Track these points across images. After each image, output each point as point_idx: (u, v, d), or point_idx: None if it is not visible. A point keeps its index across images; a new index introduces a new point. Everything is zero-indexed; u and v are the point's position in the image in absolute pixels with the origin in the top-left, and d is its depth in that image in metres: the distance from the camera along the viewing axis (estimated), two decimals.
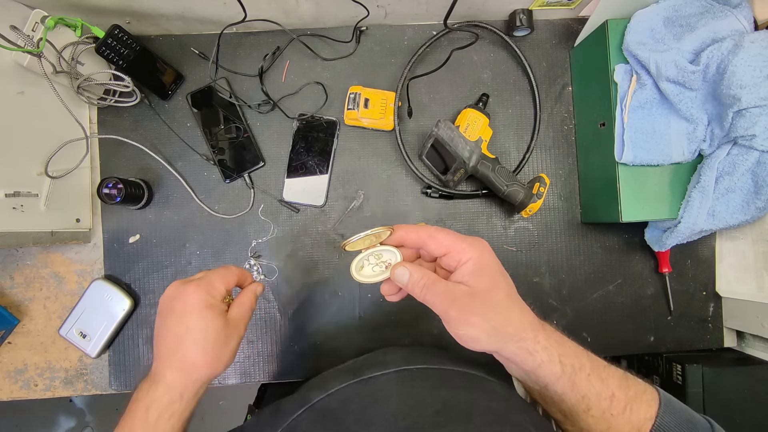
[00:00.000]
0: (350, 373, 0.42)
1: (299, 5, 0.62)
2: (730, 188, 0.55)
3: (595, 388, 0.36)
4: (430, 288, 0.36)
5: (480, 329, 0.34)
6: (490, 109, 0.68)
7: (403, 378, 0.40)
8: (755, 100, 0.50)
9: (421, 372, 0.41)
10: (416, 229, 0.38)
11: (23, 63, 0.55)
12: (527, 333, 0.35)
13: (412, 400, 0.36)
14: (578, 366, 0.36)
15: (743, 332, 0.69)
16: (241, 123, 0.68)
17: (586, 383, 0.36)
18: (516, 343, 0.35)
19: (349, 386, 0.40)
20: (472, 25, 0.67)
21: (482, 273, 0.35)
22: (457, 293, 0.35)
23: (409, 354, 0.46)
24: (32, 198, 0.58)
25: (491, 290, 0.35)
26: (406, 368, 0.41)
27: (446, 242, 0.36)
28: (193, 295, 0.41)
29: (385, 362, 0.43)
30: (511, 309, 0.35)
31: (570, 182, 0.70)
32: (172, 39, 0.69)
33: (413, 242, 0.38)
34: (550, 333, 0.37)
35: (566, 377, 0.36)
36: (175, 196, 0.69)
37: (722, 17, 0.55)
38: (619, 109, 0.58)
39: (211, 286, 0.43)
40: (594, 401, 0.36)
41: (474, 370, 0.43)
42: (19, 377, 0.68)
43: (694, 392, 0.63)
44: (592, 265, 0.70)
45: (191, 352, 0.40)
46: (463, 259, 0.35)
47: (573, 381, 0.36)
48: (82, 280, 0.68)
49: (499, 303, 0.35)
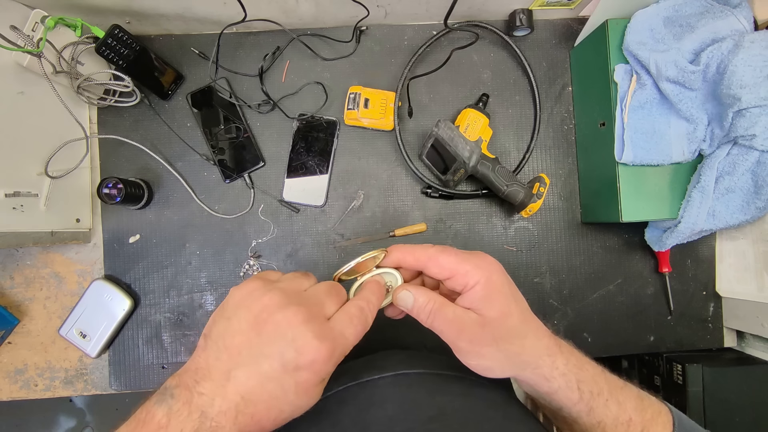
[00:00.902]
0: (348, 376, 0.42)
1: (299, 5, 0.62)
2: (730, 188, 0.55)
3: (612, 412, 0.35)
4: (438, 314, 0.33)
5: (492, 359, 0.33)
6: (490, 109, 0.68)
7: (401, 382, 0.40)
8: (755, 100, 0.50)
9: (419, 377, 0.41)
10: (413, 251, 0.35)
11: (23, 63, 0.54)
12: (543, 359, 0.34)
13: (408, 405, 0.35)
14: (596, 391, 0.35)
15: (743, 332, 0.69)
16: (241, 123, 0.68)
17: (604, 408, 0.35)
18: (533, 370, 0.34)
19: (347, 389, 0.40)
20: (472, 25, 0.67)
21: (492, 299, 0.33)
22: (466, 322, 0.32)
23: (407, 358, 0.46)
24: (32, 198, 0.58)
25: (503, 318, 0.33)
26: (403, 372, 0.41)
27: (449, 265, 0.33)
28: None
29: (384, 366, 0.42)
30: (526, 336, 0.34)
31: (570, 182, 0.70)
32: (172, 39, 0.69)
33: (411, 265, 0.36)
34: (568, 356, 0.35)
35: (584, 403, 0.34)
36: (175, 196, 0.69)
37: (722, 17, 0.55)
38: (619, 109, 0.58)
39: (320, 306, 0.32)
40: (610, 426, 0.35)
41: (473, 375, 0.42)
42: (19, 377, 0.68)
43: (694, 392, 0.63)
44: (592, 265, 0.70)
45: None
46: (470, 283, 0.33)
47: (590, 407, 0.34)
48: (82, 280, 0.68)
49: (512, 331, 0.33)
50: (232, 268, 0.69)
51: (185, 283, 0.69)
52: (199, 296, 0.69)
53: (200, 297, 0.69)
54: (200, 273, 0.69)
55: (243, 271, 0.69)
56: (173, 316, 0.69)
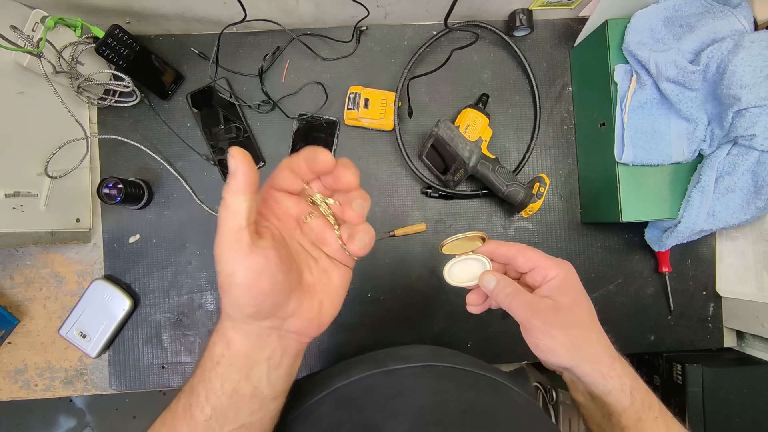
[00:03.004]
0: (373, 363, 0.41)
1: (299, 5, 0.62)
2: (730, 188, 0.55)
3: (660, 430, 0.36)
4: (516, 296, 0.36)
5: (559, 342, 0.35)
6: (490, 109, 0.68)
7: (428, 374, 0.40)
8: (755, 100, 0.50)
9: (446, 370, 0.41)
10: (507, 245, 0.39)
11: (23, 63, 0.54)
12: (604, 357, 0.36)
13: (438, 397, 0.35)
14: (648, 404, 0.36)
15: (743, 332, 0.69)
16: (241, 123, 0.68)
17: (653, 424, 0.35)
18: (592, 364, 0.35)
19: (373, 375, 0.39)
20: (472, 25, 0.67)
21: (567, 290, 0.36)
22: (541, 305, 0.35)
23: (433, 351, 0.46)
24: (32, 198, 0.58)
25: (574, 308, 0.36)
26: (431, 364, 0.41)
27: (534, 258, 0.37)
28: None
29: (410, 356, 0.42)
30: (591, 330, 0.36)
31: (570, 182, 0.70)
32: (172, 39, 0.69)
33: (503, 256, 0.39)
34: (625, 365, 0.37)
35: (634, 411, 0.35)
36: (175, 196, 0.69)
37: (722, 17, 0.55)
38: (619, 109, 0.58)
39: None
40: None
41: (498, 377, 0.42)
42: (19, 377, 0.68)
43: (694, 392, 0.63)
44: (592, 265, 0.70)
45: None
46: (549, 275, 0.36)
47: (640, 417, 0.35)
48: (82, 280, 0.68)
49: (581, 322, 0.36)
50: None
51: (185, 283, 0.69)
52: (199, 296, 0.69)
53: (200, 297, 0.69)
54: (200, 273, 0.69)
55: None
56: (173, 316, 0.69)
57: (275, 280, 0.26)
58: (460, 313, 0.69)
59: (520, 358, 0.69)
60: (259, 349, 0.29)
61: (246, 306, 0.27)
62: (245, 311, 0.27)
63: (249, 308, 0.27)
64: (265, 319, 0.28)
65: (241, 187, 0.25)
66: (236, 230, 0.25)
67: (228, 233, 0.25)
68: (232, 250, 0.25)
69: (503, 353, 0.69)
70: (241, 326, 0.28)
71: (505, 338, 0.69)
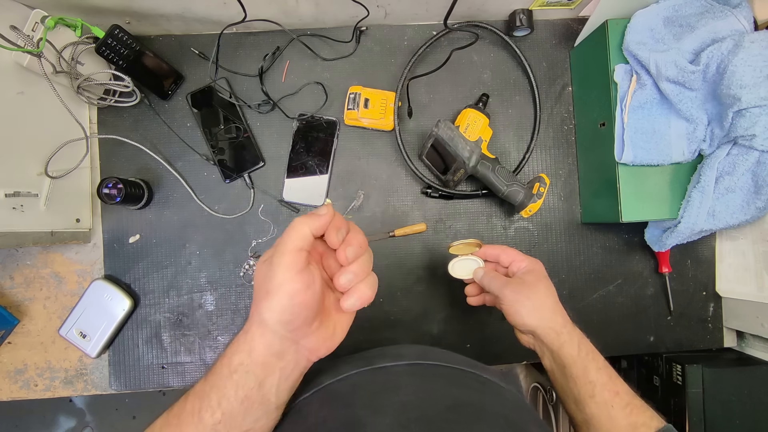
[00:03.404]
0: (363, 361, 0.42)
1: (299, 5, 0.62)
2: (730, 188, 0.55)
3: (603, 379, 0.45)
4: (495, 279, 0.51)
5: (524, 306, 0.48)
6: (490, 109, 0.68)
7: (416, 371, 0.41)
8: (755, 100, 0.50)
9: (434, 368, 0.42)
10: (494, 247, 0.55)
11: (23, 63, 0.55)
12: (557, 319, 0.48)
13: (423, 393, 0.36)
14: (592, 357, 0.46)
15: (743, 332, 0.69)
16: (241, 123, 0.68)
17: (596, 372, 0.45)
18: (548, 324, 0.48)
19: (361, 373, 0.40)
20: (472, 25, 0.67)
21: (531, 273, 0.51)
22: (512, 281, 0.50)
23: (422, 350, 0.46)
24: (32, 198, 0.58)
25: (536, 283, 0.50)
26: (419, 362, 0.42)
27: (512, 254, 0.53)
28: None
29: (399, 355, 0.43)
30: (548, 299, 0.49)
31: (570, 182, 0.70)
32: (172, 39, 0.69)
33: (491, 255, 0.55)
34: (575, 327, 0.49)
35: (581, 360, 0.46)
36: (175, 196, 0.69)
37: (722, 17, 0.55)
38: (619, 109, 0.58)
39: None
40: (599, 389, 0.44)
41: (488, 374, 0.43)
42: (19, 377, 0.68)
43: (694, 392, 0.63)
44: (592, 265, 0.70)
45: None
46: (521, 266, 0.52)
47: (585, 366, 0.45)
48: (82, 280, 0.68)
49: (540, 292, 0.49)
50: (232, 268, 0.69)
51: (185, 283, 0.69)
52: (198, 296, 0.69)
53: (200, 297, 0.69)
54: (200, 273, 0.69)
55: (243, 271, 0.69)
56: (173, 316, 0.69)
57: (315, 297, 0.31)
58: (459, 314, 0.69)
59: (519, 359, 0.69)
60: (276, 359, 0.32)
61: (286, 312, 0.30)
62: (283, 317, 0.30)
63: (287, 314, 0.30)
64: (293, 330, 0.31)
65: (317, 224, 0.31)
66: (298, 250, 0.30)
67: (291, 250, 0.30)
68: (292, 264, 0.30)
69: (502, 354, 0.69)
70: (269, 333, 0.31)
71: (504, 340, 0.69)
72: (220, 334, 0.69)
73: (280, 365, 0.32)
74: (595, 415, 0.44)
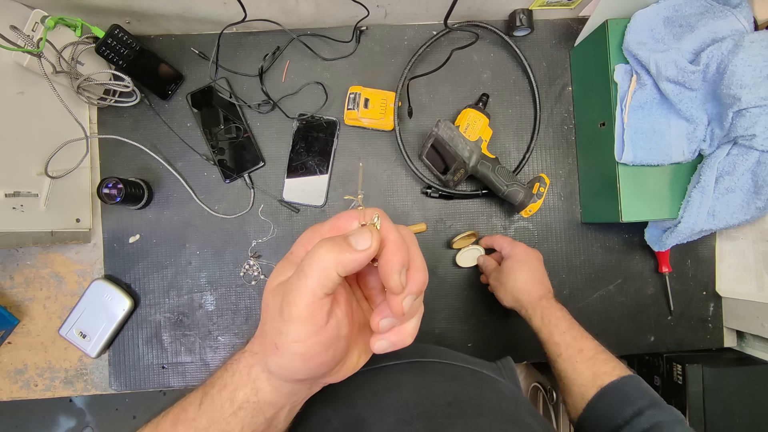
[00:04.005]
0: None
1: (299, 5, 0.62)
2: (730, 188, 0.55)
3: (566, 340, 0.51)
4: (489, 263, 0.64)
5: (499, 290, 0.60)
6: (490, 109, 0.68)
7: (415, 369, 0.41)
8: (755, 100, 0.50)
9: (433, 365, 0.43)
10: (489, 237, 0.66)
11: (23, 63, 0.55)
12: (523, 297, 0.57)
13: (424, 390, 0.37)
14: (555, 323, 0.53)
15: (743, 332, 0.69)
16: (241, 123, 0.68)
17: (559, 336, 0.52)
18: (516, 303, 0.57)
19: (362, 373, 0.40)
20: (472, 25, 0.67)
21: (509, 259, 0.60)
22: (496, 268, 0.62)
23: (421, 348, 0.47)
24: (32, 198, 0.58)
25: (509, 270, 0.59)
26: (418, 360, 0.42)
27: (503, 242, 0.63)
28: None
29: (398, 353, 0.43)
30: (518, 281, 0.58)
31: (570, 182, 0.70)
32: (172, 39, 0.69)
33: (487, 244, 0.66)
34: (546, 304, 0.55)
35: (545, 328, 0.53)
36: (175, 196, 0.69)
37: (722, 17, 0.55)
38: (619, 109, 0.58)
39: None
40: (563, 348, 0.51)
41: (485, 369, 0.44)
42: (19, 377, 0.68)
43: (694, 392, 0.63)
44: (592, 265, 0.70)
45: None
46: (505, 252, 0.62)
47: (550, 332, 0.52)
48: (82, 280, 0.68)
49: (511, 277, 0.59)
50: (232, 268, 0.69)
51: (185, 283, 0.69)
52: (199, 296, 0.69)
53: (200, 297, 0.69)
54: (200, 273, 0.69)
55: (243, 271, 0.69)
56: (173, 316, 0.69)
57: (338, 352, 0.25)
58: (460, 314, 0.69)
59: (520, 359, 0.69)
60: (287, 398, 0.28)
61: (299, 374, 0.25)
62: (295, 377, 0.25)
63: (301, 376, 0.25)
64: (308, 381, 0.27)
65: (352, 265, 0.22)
66: (321, 297, 0.22)
67: (311, 297, 0.22)
68: (309, 317, 0.22)
69: (503, 354, 0.69)
70: (276, 380, 0.26)
71: (505, 339, 0.69)
72: (221, 334, 0.69)
73: (292, 401, 0.28)
74: (563, 369, 0.50)
